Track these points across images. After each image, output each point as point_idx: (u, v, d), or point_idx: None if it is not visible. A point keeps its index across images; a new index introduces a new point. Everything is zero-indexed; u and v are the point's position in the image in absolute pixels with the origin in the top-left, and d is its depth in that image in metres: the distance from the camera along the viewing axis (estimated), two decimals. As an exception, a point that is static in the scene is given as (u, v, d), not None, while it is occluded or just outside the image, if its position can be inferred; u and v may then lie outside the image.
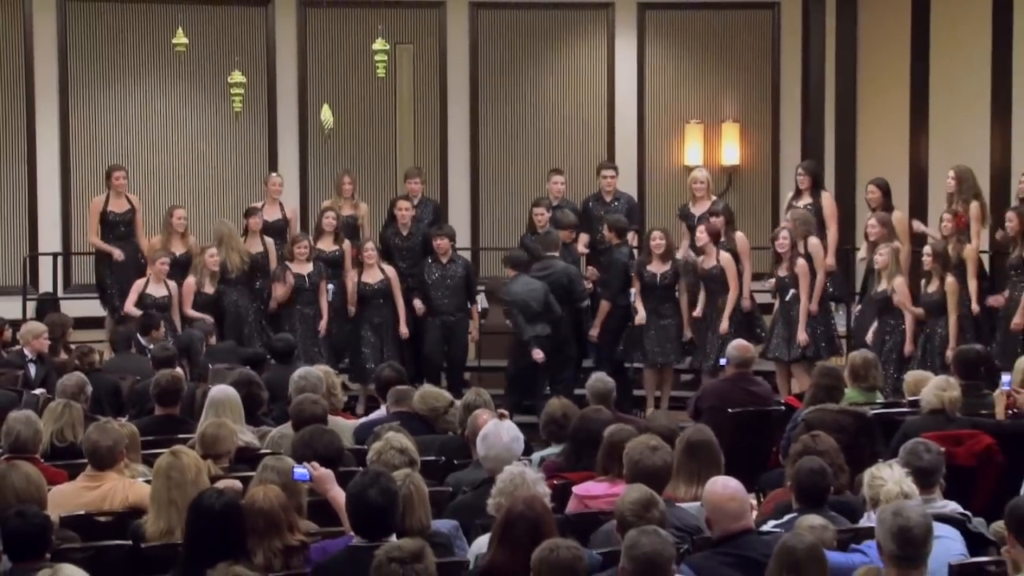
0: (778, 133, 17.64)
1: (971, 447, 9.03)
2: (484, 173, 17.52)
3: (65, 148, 16.69)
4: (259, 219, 14.72)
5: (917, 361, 12.91)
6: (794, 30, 17.53)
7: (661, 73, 17.62)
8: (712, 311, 13.99)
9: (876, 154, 17.09)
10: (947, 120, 16.56)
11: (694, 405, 11.39)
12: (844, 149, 17.32)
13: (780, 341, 13.67)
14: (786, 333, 13.63)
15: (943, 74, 16.61)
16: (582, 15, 17.59)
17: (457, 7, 17.42)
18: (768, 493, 8.49)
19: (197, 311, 14.00)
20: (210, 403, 9.30)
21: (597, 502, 7.67)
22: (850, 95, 17.37)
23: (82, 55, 16.76)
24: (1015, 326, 12.84)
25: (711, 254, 13.99)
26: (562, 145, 17.56)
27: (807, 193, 14.60)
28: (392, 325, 14.54)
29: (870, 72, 17.36)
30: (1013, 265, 13.14)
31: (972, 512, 7.49)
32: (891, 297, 13.20)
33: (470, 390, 9.87)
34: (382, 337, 14.49)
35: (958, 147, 15.60)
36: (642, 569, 5.78)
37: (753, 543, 6.56)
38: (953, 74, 16.48)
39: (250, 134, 17.13)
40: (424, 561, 5.48)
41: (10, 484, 7.06)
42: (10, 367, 12.10)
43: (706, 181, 15.07)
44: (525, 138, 17.55)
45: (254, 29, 17.15)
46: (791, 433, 9.45)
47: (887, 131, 17.14)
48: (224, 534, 6.17)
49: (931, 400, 9.44)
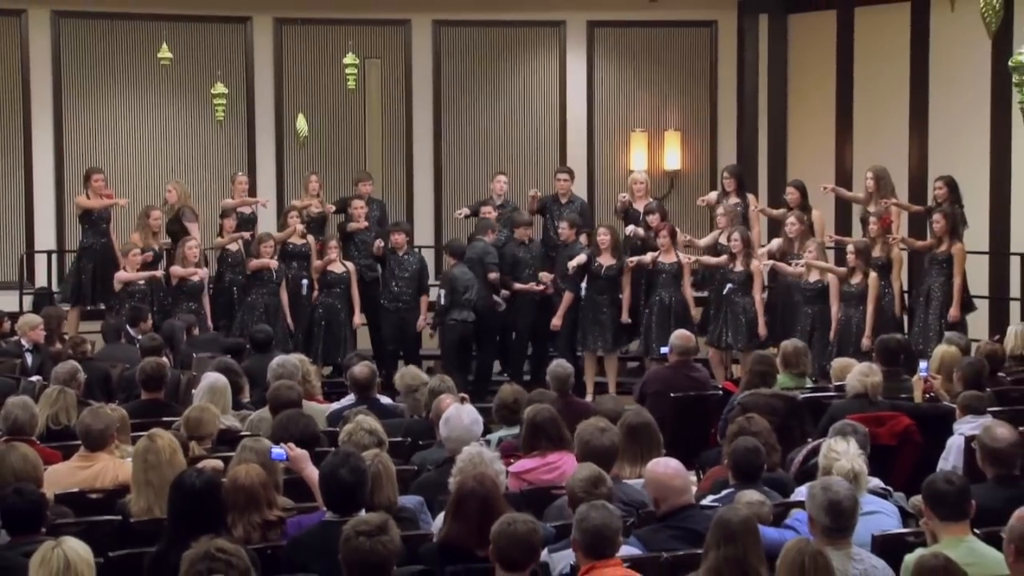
0: (715, 140, 17.67)
1: (892, 428, 9.07)
2: (446, 176, 17.50)
3: (59, 154, 16.60)
4: (233, 220, 14.76)
5: (835, 347, 13.01)
6: (730, 47, 17.57)
7: (609, 85, 17.63)
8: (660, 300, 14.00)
9: (804, 159, 17.15)
10: (869, 129, 16.65)
11: (639, 390, 11.39)
12: (775, 154, 17.39)
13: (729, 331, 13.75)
14: (735, 324, 13.71)
15: (865, 87, 16.70)
16: (536, 32, 17.59)
17: (421, 24, 17.39)
18: (707, 470, 8.50)
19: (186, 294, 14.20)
20: (207, 388, 9.27)
21: (531, 474, 7.69)
22: (781, 106, 17.43)
23: (74, 68, 16.67)
24: (952, 318, 12.95)
25: (669, 251, 14.03)
26: (518, 151, 17.55)
27: (733, 194, 14.70)
28: (349, 312, 14.62)
29: (799, 85, 17.42)
30: (936, 260, 13.25)
31: (893, 487, 7.53)
32: (822, 288, 13.29)
33: (434, 376, 9.86)
34: (341, 322, 14.54)
35: (879, 153, 15.69)
36: (592, 540, 5.80)
37: (695, 516, 6.57)
38: (875, 87, 16.58)
39: (231, 140, 17.07)
40: (389, 533, 5.46)
41: (8, 464, 7.02)
42: (8, 356, 12.05)
43: (645, 182, 15.21)
44: (484, 144, 17.53)
45: (234, 44, 17.08)
46: (728, 415, 9.48)
47: (814, 138, 17.21)
48: (204, 510, 6.12)
49: (855, 385, 9.48)
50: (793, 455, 8.31)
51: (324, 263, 14.59)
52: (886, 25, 16.39)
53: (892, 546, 6.43)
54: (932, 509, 6.19)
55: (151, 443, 7.11)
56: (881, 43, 16.49)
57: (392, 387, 13.84)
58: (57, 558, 5.23)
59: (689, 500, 6.71)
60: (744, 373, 10.31)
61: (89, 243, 14.79)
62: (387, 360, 14.39)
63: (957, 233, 13.22)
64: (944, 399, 9.73)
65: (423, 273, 14.91)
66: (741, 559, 5.60)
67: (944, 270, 13.15)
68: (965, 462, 8.38)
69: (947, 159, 15.28)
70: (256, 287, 14.35)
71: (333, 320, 14.52)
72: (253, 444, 7.25)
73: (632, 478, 7.56)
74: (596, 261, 14.17)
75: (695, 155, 17.64)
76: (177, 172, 16.36)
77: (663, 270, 14.05)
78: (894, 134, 16.18)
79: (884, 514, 6.93)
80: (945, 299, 13.10)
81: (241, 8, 16.54)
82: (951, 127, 15.73)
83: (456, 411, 8.08)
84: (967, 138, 15.46)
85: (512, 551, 5.59)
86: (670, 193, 17.10)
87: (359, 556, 5.41)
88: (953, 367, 10.03)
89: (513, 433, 8.91)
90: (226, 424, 8.90)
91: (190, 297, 14.19)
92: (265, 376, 10.16)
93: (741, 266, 13.80)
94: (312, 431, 7.98)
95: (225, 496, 6.40)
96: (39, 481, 7.03)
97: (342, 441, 7.65)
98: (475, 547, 6.01)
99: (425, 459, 8.35)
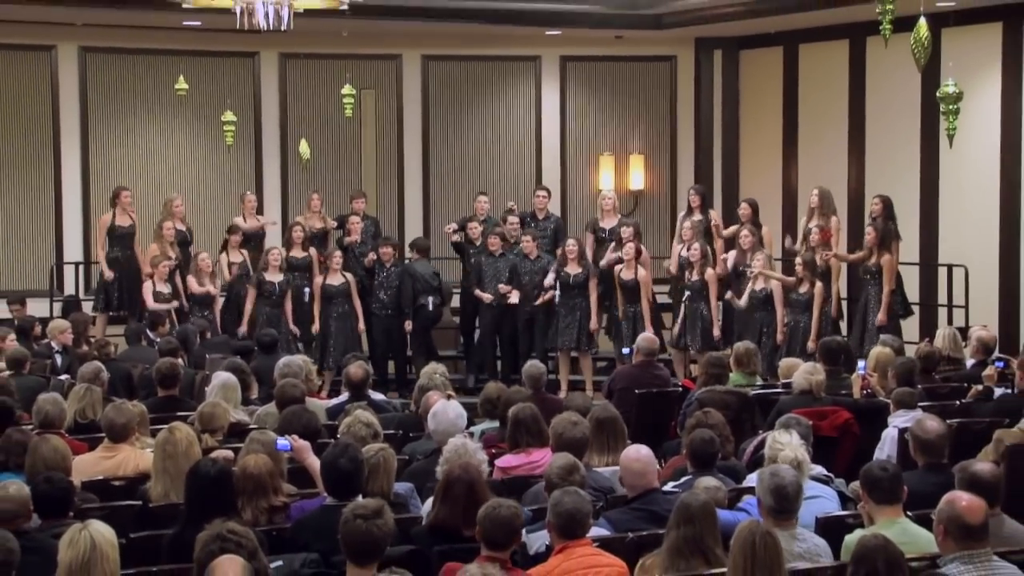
0: (675, 162, 17.69)
1: (833, 421, 9.09)
2: (434, 194, 17.48)
3: (86, 175, 16.53)
4: (239, 236, 14.74)
5: (784, 349, 13.02)
6: (688, 79, 17.59)
7: (579, 113, 17.64)
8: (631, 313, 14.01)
9: (755, 179, 17.19)
10: (812, 152, 16.70)
11: (608, 387, 11.40)
12: (729, 175, 17.44)
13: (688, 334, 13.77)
14: (692, 328, 13.74)
15: (809, 115, 16.76)
16: (514, 66, 17.59)
17: (411, 59, 17.37)
18: (668, 459, 8.51)
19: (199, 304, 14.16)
20: (220, 386, 9.27)
21: (515, 471, 7.65)
22: (733, 131, 17.48)
23: (99, 97, 16.60)
24: (879, 322, 12.95)
25: (631, 267, 14.02)
26: (498, 171, 17.54)
27: (697, 211, 14.68)
28: (352, 319, 14.50)
29: (750, 113, 17.47)
30: (868, 271, 13.26)
31: (834, 474, 7.55)
32: (766, 295, 13.30)
33: (423, 374, 9.83)
34: (343, 329, 14.44)
35: (821, 174, 15.74)
36: (565, 523, 5.80)
37: (658, 500, 6.60)
38: (817, 114, 16.63)
39: (240, 163, 17.02)
40: (383, 517, 5.45)
41: (40, 455, 7.03)
42: (40, 357, 11.99)
43: (613, 199, 15.19)
44: (468, 166, 17.52)
45: (243, 76, 17.04)
46: (687, 410, 9.49)
47: (763, 161, 17.25)
48: (218, 496, 6.11)
49: (801, 382, 9.50)
50: (745, 445, 8.32)
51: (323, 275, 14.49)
52: (827, 60, 16.45)
53: (833, 527, 6.45)
54: (869, 494, 6.20)
55: (170, 435, 7.10)
56: (823, 76, 16.55)
57: (385, 384, 14.01)
58: (84, 539, 5.21)
59: (653, 484, 6.71)
60: (700, 372, 10.31)
61: (115, 256, 14.73)
62: (379, 361, 14.37)
63: (886, 245, 13.20)
64: (879, 395, 9.74)
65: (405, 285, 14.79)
66: (699, 539, 5.62)
67: (876, 280, 13.13)
68: (898, 452, 8.41)
69: (882, 180, 15.32)
70: (261, 299, 14.27)
71: (340, 331, 14.40)
72: (260, 436, 7.24)
73: (600, 466, 7.57)
74: (563, 270, 14.18)
75: (657, 176, 17.67)
76: (190, 191, 16.33)
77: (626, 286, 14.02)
78: (835, 157, 16.23)
79: (825, 498, 6.94)
80: (878, 305, 13.11)
81: (250, 44, 16.50)
82: (885, 151, 15.77)
83: (443, 406, 8.08)
84: (900, 161, 15.49)
85: (496, 533, 5.60)
86: (635, 210, 17.11)
87: (356, 536, 5.40)
88: (887, 366, 10.05)
89: (495, 426, 8.91)
90: (236, 418, 8.87)
91: (203, 306, 14.17)
92: (271, 375, 10.14)
93: (697, 275, 13.82)
94: (314, 425, 7.96)
95: (236, 483, 6.39)
96: (68, 470, 7.02)
97: (341, 433, 7.64)
98: (462, 528, 6.01)
99: (415, 450, 8.34)
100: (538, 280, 14.39)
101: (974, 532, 5.46)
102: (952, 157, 14.12)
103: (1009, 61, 14.44)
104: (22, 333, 12.60)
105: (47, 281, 16.06)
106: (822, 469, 7.34)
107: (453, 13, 15.78)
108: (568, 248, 14.21)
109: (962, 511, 5.47)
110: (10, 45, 16.19)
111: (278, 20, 10.32)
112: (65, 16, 15.51)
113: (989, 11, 14.00)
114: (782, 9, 15.05)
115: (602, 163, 17.52)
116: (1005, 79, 14.48)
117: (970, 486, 5.97)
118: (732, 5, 15.46)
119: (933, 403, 9.58)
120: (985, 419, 9.05)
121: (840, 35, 16.06)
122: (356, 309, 14.53)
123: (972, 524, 5.45)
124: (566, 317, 14.16)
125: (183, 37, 16.26)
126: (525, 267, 14.52)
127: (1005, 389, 9.82)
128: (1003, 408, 9.28)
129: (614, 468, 7.31)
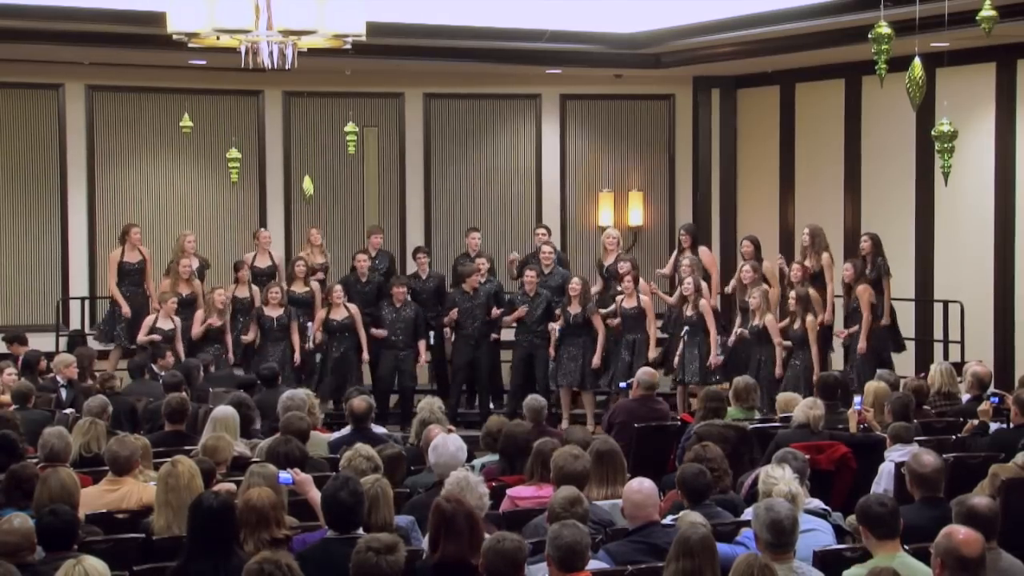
0: (673, 199, 17.72)
1: (830, 455, 9.06)
2: (435, 231, 17.51)
3: (92, 211, 16.55)
4: (246, 271, 14.75)
5: (786, 383, 13.00)
6: (686, 118, 17.65)
7: (579, 151, 17.69)
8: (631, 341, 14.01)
9: (752, 216, 17.22)
10: (809, 190, 16.73)
11: (608, 420, 11.37)
12: (726, 212, 17.47)
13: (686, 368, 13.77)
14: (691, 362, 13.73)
15: (805, 153, 16.80)
16: (515, 104, 17.64)
17: (413, 97, 17.43)
18: (667, 493, 8.48)
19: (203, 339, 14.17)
20: (211, 420, 9.24)
21: (525, 503, 7.63)
22: (731, 169, 17.53)
23: (106, 134, 16.65)
24: (860, 350, 13.02)
25: (632, 296, 14.05)
26: (498, 208, 17.57)
27: (688, 249, 14.71)
28: (356, 353, 14.50)
29: (747, 151, 17.52)
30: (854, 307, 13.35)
31: (831, 508, 7.52)
32: (765, 330, 13.29)
33: (422, 409, 9.80)
34: (346, 363, 14.44)
35: (818, 211, 15.77)
36: (563, 556, 5.77)
37: (658, 533, 6.57)
38: (813, 153, 16.68)
39: (244, 199, 17.06)
40: (395, 554, 5.44)
41: (47, 487, 6.98)
42: (45, 391, 11.97)
43: (616, 237, 15.20)
44: (469, 203, 17.55)
45: (248, 114, 17.10)
46: (685, 443, 9.45)
47: (761, 198, 17.28)
48: (220, 528, 6.08)
49: (799, 416, 9.49)
50: (743, 479, 8.29)
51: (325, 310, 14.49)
52: (823, 99, 16.50)
53: (831, 561, 6.42)
54: (867, 528, 6.17)
55: (173, 468, 7.09)
56: (819, 115, 16.60)
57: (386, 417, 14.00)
58: (78, 574, 5.20)
59: (653, 517, 6.69)
60: (699, 406, 10.29)
61: (124, 292, 14.73)
62: (382, 397, 14.36)
63: (865, 277, 13.30)
64: (876, 429, 9.72)
65: (419, 322, 14.81)
66: (698, 572, 5.60)
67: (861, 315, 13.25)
68: (895, 485, 8.37)
69: (878, 217, 15.35)
70: (262, 334, 14.29)
71: (336, 367, 14.42)
72: (260, 470, 7.22)
73: (600, 499, 7.54)
74: (567, 310, 14.20)
75: (655, 213, 17.69)
76: (196, 228, 16.34)
77: (627, 314, 14.08)
78: (831, 195, 16.26)
79: (821, 531, 6.91)
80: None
81: (254, 83, 16.56)
82: (881, 188, 15.80)
83: (443, 440, 8.05)
84: (895, 199, 15.52)
85: (500, 565, 5.59)
86: (633, 247, 17.13)
87: (365, 569, 5.39)
88: (883, 401, 10.03)
89: (495, 459, 8.88)
90: (237, 451, 8.85)
91: (214, 340, 14.19)
92: (273, 408, 10.12)
93: (691, 310, 13.81)
94: (297, 453, 8.00)
95: (239, 516, 6.36)
96: (75, 504, 6.97)
97: (342, 466, 7.61)
98: (469, 558, 5.95)
99: (416, 482, 8.31)
100: (538, 315, 14.41)
101: (971, 565, 5.43)
102: (947, 195, 14.13)
103: (1002, 100, 14.49)
104: (27, 367, 12.59)
105: (53, 316, 16.06)
106: (819, 503, 7.32)
107: (455, 52, 15.84)
108: (571, 287, 14.22)
109: (959, 544, 5.45)
110: (19, 84, 16.27)
111: (282, 59, 10.33)
112: (73, 55, 15.57)
113: (983, 51, 14.04)
114: (779, 49, 15.11)
115: (601, 200, 17.54)
116: (999, 118, 14.53)
117: (967, 520, 5.94)
118: (730, 45, 15.52)
119: (929, 437, 9.57)
120: (981, 454, 9.02)
121: (836, 74, 16.12)
122: (361, 341, 14.54)
123: (969, 557, 5.43)
124: (569, 354, 14.17)
125: (188, 76, 16.32)
126: (519, 299, 14.59)
127: (1000, 424, 9.80)
128: (998, 443, 9.25)
129: (614, 501, 7.29)
